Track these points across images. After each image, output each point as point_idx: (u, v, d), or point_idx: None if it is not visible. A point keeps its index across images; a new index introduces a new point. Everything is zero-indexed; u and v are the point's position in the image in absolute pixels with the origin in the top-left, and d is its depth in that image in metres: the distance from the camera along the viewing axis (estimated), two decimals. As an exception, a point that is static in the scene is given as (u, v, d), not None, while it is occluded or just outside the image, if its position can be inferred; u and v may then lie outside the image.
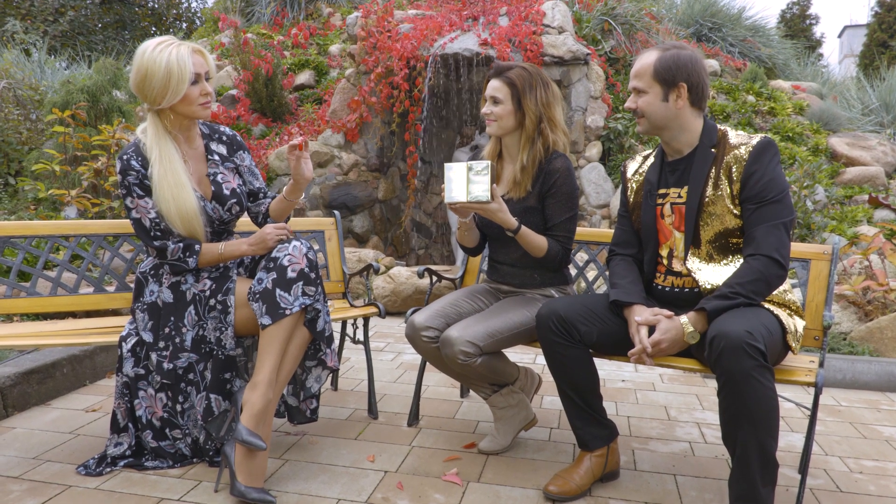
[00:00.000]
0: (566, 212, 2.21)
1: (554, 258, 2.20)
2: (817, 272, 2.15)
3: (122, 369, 2.09)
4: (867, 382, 3.25)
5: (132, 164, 2.03)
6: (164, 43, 1.99)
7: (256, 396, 1.91)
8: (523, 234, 2.13)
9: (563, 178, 2.19)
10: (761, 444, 1.63)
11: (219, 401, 2.09)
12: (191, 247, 2.07)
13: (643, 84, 1.91)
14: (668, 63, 1.87)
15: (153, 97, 2.00)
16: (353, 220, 6.12)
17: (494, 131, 2.25)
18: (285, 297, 1.97)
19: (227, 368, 2.11)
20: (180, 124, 2.10)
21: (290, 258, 2.00)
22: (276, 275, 1.98)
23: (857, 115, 7.04)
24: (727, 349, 1.61)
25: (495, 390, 2.33)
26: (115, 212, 4.54)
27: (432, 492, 2.02)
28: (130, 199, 2.04)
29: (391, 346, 3.91)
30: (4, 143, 5.48)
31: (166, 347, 2.06)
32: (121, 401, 2.11)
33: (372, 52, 6.03)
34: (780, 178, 1.83)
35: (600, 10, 6.94)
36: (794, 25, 24.13)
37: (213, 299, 2.08)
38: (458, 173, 2.04)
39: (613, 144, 5.95)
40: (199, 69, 2.03)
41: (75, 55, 10.89)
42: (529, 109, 2.19)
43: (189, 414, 2.12)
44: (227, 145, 2.27)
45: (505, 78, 2.21)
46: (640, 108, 1.93)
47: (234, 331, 2.08)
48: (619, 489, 2.07)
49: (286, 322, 1.97)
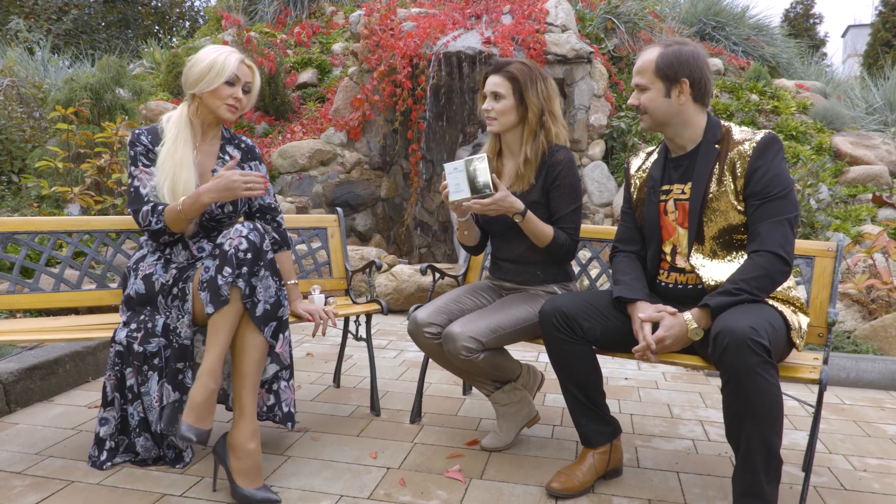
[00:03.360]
0: (571, 203, 2.21)
1: (561, 247, 2.19)
2: (821, 269, 2.15)
3: (116, 338, 2.07)
4: (871, 381, 3.24)
5: (141, 139, 2.15)
6: (221, 48, 2.15)
7: (196, 388, 1.85)
8: (529, 219, 2.13)
9: (565, 170, 2.19)
10: (765, 440, 1.63)
11: (168, 391, 2.04)
12: (155, 207, 2.08)
13: (645, 80, 1.91)
14: (670, 59, 1.87)
15: (190, 81, 2.13)
16: (356, 219, 6.12)
17: (496, 129, 2.24)
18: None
19: (182, 358, 2.06)
20: (204, 118, 2.19)
21: (230, 242, 1.91)
22: (218, 261, 1.92)
23: (861, 114, 7.02)
24: (731, 345, 1.60)
25: (498, 387, 2.32)
26: (117, 209, 4.54)
27: (435, 488, 2.02)
28: (134, 167, 2.13)
29: (394, 344, 3.91)
30: (8, 141, 5.49)
31: (138, 329, 2.06)
32: (111, 371, 2.08)
33: (375, 51, 6.02)
34: (785, 173, 1.82)
35: (603, 9, 6.93)
36: (798, 24, 24.07)
37: (176, 287, 2.09)
38: (458, 170, 2.05)
39: (616, 143, 5.94)
40: (242, 75, 2.15)
41: (78, 54, 10.90)
42: (532, 103, 2.19)
43: (144, 399, 2.08)
44: (242, 152, 2.31)
45: (506, 73, 2.20)
46: (643, 105, 1.93)
47: (194, 318, 2.05)
48: (622, 486, 2.06)
49: (228, 310, 1.89)
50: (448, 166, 2.08)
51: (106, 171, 4.65)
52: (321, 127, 6.27)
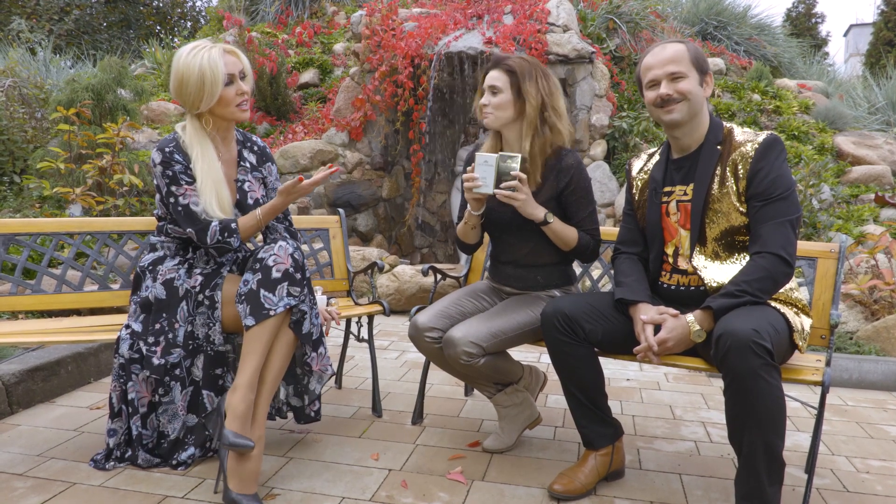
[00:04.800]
0: (587, 206, 2.21)
1: (586, 249, 2.20)
2: (824, 270, 2.14)
3: (119, 350, 2.09)
4: (874, 382, 3.23)
5: (175, 157, 2.06)
6: (197, 47, 2.03)
7: (237, 400, 1.88)
8: (554, 225, 2.12)
9: (577, 174, 2.18)
10: (768, 442, 1.62)
11: (211, 396, 2.10)
12: (227, 227, 2.06)
13: (683, 68, 1.87)
14: (697, 52, 1.90)
15: (191, 102, 2.05)
16: (357, 219, 6.11)
17: (491, 122, 2.20)
18: (269, 298, 1.94)
19: (218, 364, 2.12)
20: (219, 127, 2.14)
21: (275, 258, 1.97)
22: (261, 276, 1.95)
23: (864, 114, 7.00)
24: (734, 347, 1.59)
25: (499, 389, 2.32)
26: (119, 210, 4.54)
27: (436, 490, 2.02)
28: (176, 186, 2.05)
29: (395, 345, 3.91)
30: (10, 142, 5.49)
31: (156, 343, 2.06)
32: (116, 383, 2.10)
33: (376, 51, 6.02)
34: (787, 174, 1.82)
35: (605, 9, 6.92)
36: (800, 24, 24.04)
37: (202, 295, 2.09)
38: (489, 164, 2.04)
39: (618, 143, 5.93)
40: (233, 69, 2.06)
41: (80, 54, 10.92)
42: (530, 95, 2.14)
43: (168, 409, 2.11)
44: (257, 155, 2.30)
45: (504, 66, 2.17)
46: (684, 91, 1.86)
47: (223, 327, 2.08)
48: (624, 488, 2.06)
49: (269, 323, 1.93)
50: (479, 157, 2.06)
51: (107, 171, 4.65)
52: (322, 127, 6.27)
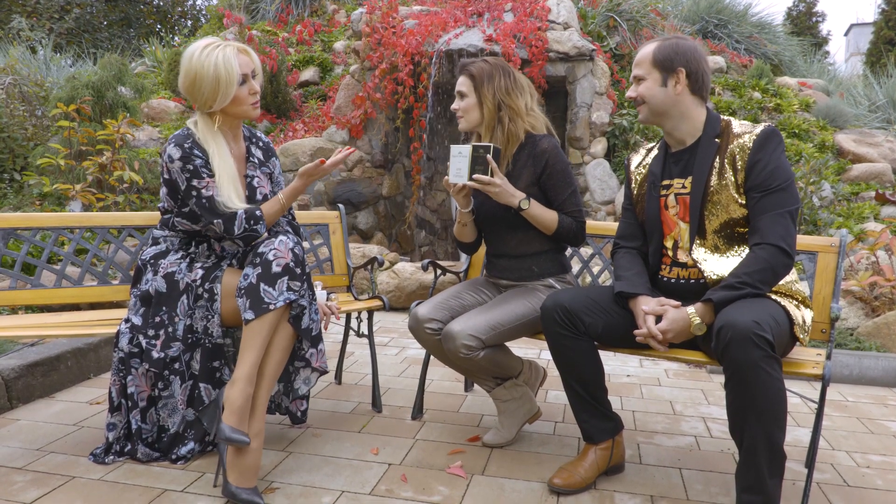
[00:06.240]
0: (567, 187, 2.22)
1: (568, 231, 2.21)
2: (825, 265, 2.14)
3: (118, 344, 2.09)
4: (874, 378, 3.23)
5: (195, 152, 2.07)
6: (211, 45, 2.04)
7: (235, 393, 1.88)
8: (533, 206, 2.15)
9: (552, 156, 2.20)
10: (769, 435, 1.62)
11: (209, 389, 2.09)
12: (253, 214, 2.08)
13: (643, 71, 1.93)
14: (667, 50, 1.90)
15: (203, 101, 2.06)
16: (358, 217, 6.11)
17: (463, 126, 2.29)
18: (269, 292, 1.94)
19: (216, 357, 2.11)
20: (229, 124, 2.16)
21: (276, 252, 1.97)
22: (261, 270, 1.95)
23: (864, 112, 7.00)
24: (735, 340, 1.59)
25: (499, 383, 2.32)
26: (119, 207, 4.54)
27: (436, 484, 2.02)
28: (198, 180, 2.05)
29: (395, 341, 3.91)
30: (10, 139, 5.50)
31: (156, 336, 2.06)
32: (116, 377, 2.10)
33: (376, 49, 6.02)
34: (785, 166, 1.82)
35: (605, 7, 6.92)
36: (801, 23, 24.02)
37: (202, 288, 2.09)
38: (462, 155, 2.09)
39: (619, 141, 5.93)
40: (246, 69, 2.08)
41: (81, 52, 10.92)
42: (486, 98, 2.21)
43: (168, 403, 2.11)
44: (263, 151, 2.31)
45: (466, 71, 2.26)
46: (640, 94, 1.94)
47: (222, 320, 2.08)
48: (624, 482, 2.06)
49: (269, 317, 1.93)
50: (454, 149, 2.11)
51: (107, 168, 4.65)
52: (323, 125, 6.27)
